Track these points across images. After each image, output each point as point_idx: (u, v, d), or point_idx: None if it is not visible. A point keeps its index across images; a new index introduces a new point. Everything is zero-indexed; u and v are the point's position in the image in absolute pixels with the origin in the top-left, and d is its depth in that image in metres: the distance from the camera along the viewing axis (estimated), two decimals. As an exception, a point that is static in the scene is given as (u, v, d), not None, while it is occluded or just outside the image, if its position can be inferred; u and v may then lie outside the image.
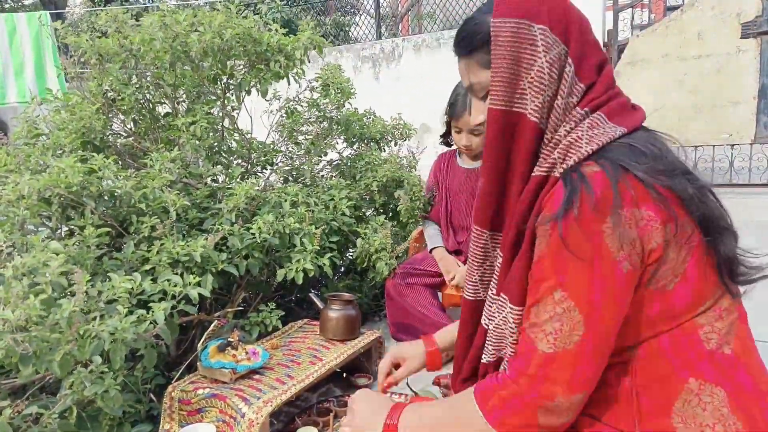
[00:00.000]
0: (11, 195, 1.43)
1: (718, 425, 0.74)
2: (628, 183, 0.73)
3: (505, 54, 0.81)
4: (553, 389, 0.74)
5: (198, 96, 2.10)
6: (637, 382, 0.78)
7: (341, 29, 8.45)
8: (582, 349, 0.73)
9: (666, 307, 0.76)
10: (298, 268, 1.72)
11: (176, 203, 1.63)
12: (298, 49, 1.99)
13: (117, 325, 1.10)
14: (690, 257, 0.75)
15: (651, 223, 0.72)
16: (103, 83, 2.01)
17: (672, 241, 0.73)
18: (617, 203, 0.71)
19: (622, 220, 0.71)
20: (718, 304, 0.80)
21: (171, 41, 1.85)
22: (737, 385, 0.77)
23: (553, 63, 0.80)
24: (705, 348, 0.77)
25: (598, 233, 0.71)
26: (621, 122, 0.80)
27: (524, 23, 0.81)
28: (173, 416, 1.52)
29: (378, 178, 2.42)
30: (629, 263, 0.72)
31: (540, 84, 0.80)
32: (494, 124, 0.84)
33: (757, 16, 5.38)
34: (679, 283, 0.75)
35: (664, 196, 0.74)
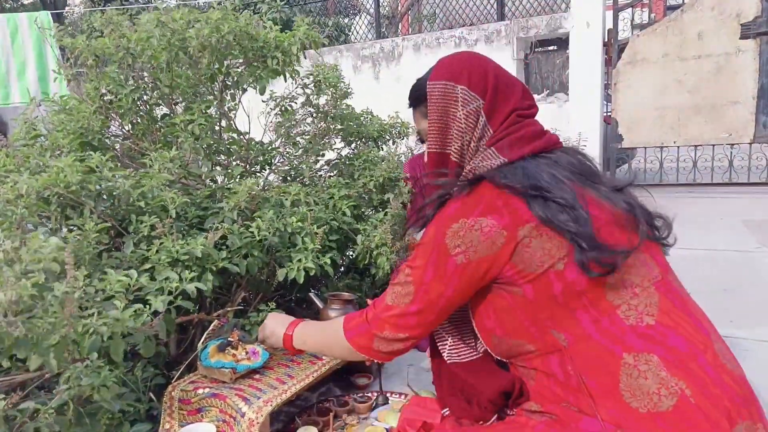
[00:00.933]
0: (9, 194, 1.43)
1: (662, 389, 0.84)
2: (480, 198, 0.97)
3: (437, 108, 1.07)
4: (383, 326, 1.05)
5: (195, 96, 2.09)
6: (577, 367, 0.91)
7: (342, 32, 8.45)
8: (407, 309, 1.02)
9: (566, 284, 0.92)
10: (299, 267, 1.72)
11: (176, 201, 1.63)
12: (294, 45, 1.99)
13: (116, 315, 1.10)
14: (570, 243, 0.92)
15: (493, 229, 0.94)
16: (100, 85, 2.01)
17: (532, 235, 0.93)
18: (465, 213, 0.96)
19: (465, 226, 0.96)
20: (627, 281, 0.93)
21: (168, 38, 1.85)
22: (668, 349, 0.87)
23: (470, 115, 1.05)
24: (625, 324, 0.90)
25: (442, 234, 0.98)
26: (506, 154, 1.01)
27: (450, 84, 1.06)
28: (173, 416, 1.52)
29: (375, 177, 2.42)
30: (464, 257, 0.96)
31: (459, 131, 1.06)
32: (431, 162, 1.11)
33: (756, 17, 5.38)
34: (567, 263, 0.92)
35: (515, 206, 0.95)
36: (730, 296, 2.76)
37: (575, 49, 5.86)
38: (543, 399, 0.97)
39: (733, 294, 2.79)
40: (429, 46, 6.51)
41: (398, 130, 2.86)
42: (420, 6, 8.86)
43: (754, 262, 3.38)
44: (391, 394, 1.80)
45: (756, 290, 2.84)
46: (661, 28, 5.79)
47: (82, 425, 1.18)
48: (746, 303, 2.67)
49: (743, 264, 3.33)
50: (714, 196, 5.64)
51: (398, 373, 2.01)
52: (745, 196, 5.54)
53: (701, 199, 5.59)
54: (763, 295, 2.76)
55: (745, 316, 2.50)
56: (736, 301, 2.69)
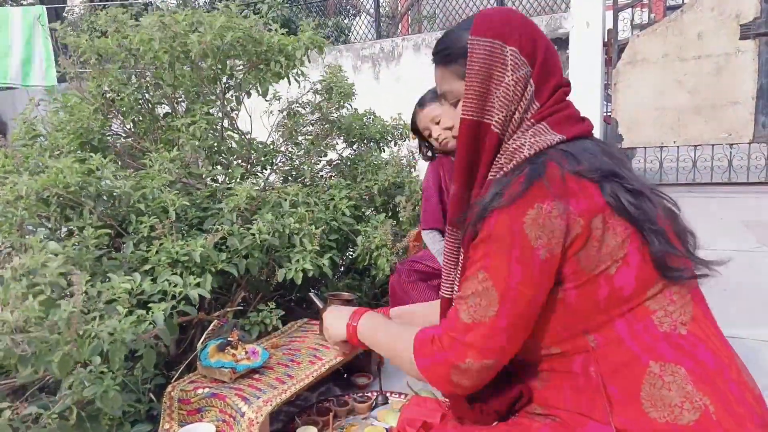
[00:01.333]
0: (9, 195, 1.43)
1: (686, 403, 0.80)
2: (553, 179, 0.82)
3: (479, 69, 0.91)
4: (466, 352, 0.85)
5: (197, 96, 2.09)
6: (602, 370, 0.85)
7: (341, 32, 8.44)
8: (495, 323, 0.84)
9: (612, 290, 0.83)
10: (297, 268, 1.72)
11: (175, 203, 1.63)
12: (298, 50, 1.99)
13: (116, 326, 1.10)
14: (629, 243, 0.83)
15: (571, 216, 0.81)
16: (102, 83, 2.01)
17: (603, 229, 0.82)
18: (540, 197, 0.81)
19: (543, 212, 0.80)
20: (668, 289, 0.86)
21: (170, 41, 1.84)
22: (697, 362, 0.82)
23: (518, 82, 0.91)
24: (659, 330, 0.83)
25: (519, 223, 0.81)
26: (561, 131, 0.90)
27: (498, 44, 0.91)
28: (173, 416, 1.52)
29: (379, 181, 2.42)
30: (547, 251, 0.81)
31: (505, 99, 0.91)
32: (465, 133, 0.94)
33: (755, 18, 5.38)
34: (621, 267, 0.83)
35: (590, 192, 0.83)
36: (730, 296, 2.76)
37: (575, 49, 5.86)
38: (548, 402, 0.94)
39: (733, 294, 2.79)
40: (429, 46, 6.50)
41: (400, 132, 2.86)
42: (420, 6, 8.86)
43: (754, 261, 3.38)
44: (391, 394, 1.81)
45: (756, 290, 2.84)
46: (661, 28, 5.79)
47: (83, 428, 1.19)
48: (746, 303, 2.67)
49: (743, 264, 3.33)
50: (713, 196, 5.64)
51: (398, 373, 2.01)
52: (745, 196, 5.54)
53: (701, 198, 5.59)
54: (763, 295, 2.76)
55: (745, 316, 2.50)
56: (736, 301, 2.69)
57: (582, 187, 0.83)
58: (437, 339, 0.90)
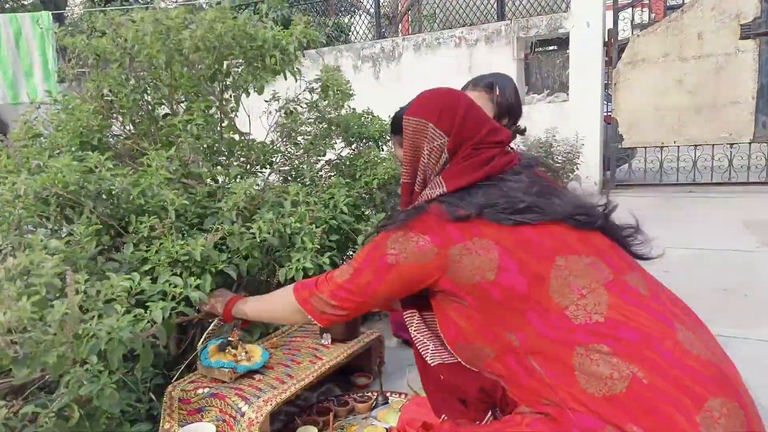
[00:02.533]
0: (8, 195, 1.43)
1: (615, 373, 0.90)
2: (420, 220, 1.12)
3: (409, 143, 1.20)
4: (323, 289, 1.23)
5: (196, 96, 2.09)
6: (535, 362, 0.99)
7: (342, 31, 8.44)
8: (342, 284, 1.20)
9: (503, 290, 1.03)
10: (298, 267, 1.72)
11: (175, 202, 1.62)
12: (291, 44, 1.99)
13: (114, 324, 1.10)
14: (498, 257, 1.04)
15: (426, 245, 1.09)
16: (102, 84, 2.00)
17: (462, 253, 1.06)
18: (408, 227, 1.12)
19: (404, 236, 1.12)
20: (573, 284, 1.01)
21: (163, 37, 1.84)
22: (618, 340, 0.93)
23: (433, 150, 1.17)
24: (574, 323, 0.97)
25: (386, 237, 1.15)
26: (447, 185, 1.14)
27: (422, 121, 1.18)
28: (173, 415, 1.51)
29: (379, 176, 2.42)
30: (395, 258, 1.12)
31: (423, 165, 1.19)
32: (402, 191, 1.25)
33: (756, 18, 5.38)
34: (499, 273, 1.03)
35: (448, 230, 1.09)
36: (730, 296, 2.76)
37: (575, 49, 5.86)
38: (528, 401, 1.03)
39: (734, 294, 2.79)
40: (429, 46, 6.50)
41: (399, 131, 2.85)
42: (420, 6, 8.86)
43: (754, 261, 3.37)
44: (391, 394, 1.80)
45: (756, 290, 2.84)
46: (661, 28, 5.79)
47: (82, 427, 1.18)
48: (746, 302, 2.67)
49: (743, 263, 3.33)
50: (714, 196, 5.64)
51: (398, 373, 2.01)
52: (745, 196, 5.54)
53: (701, 198, 5.59)
54: (763, 295, 2.76)
55: (745, 316, 2.50)
56: (736, 301, 2.69)
57: (442, 227, 1.09)
58: (316, 278, 1.29)
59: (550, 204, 1.09)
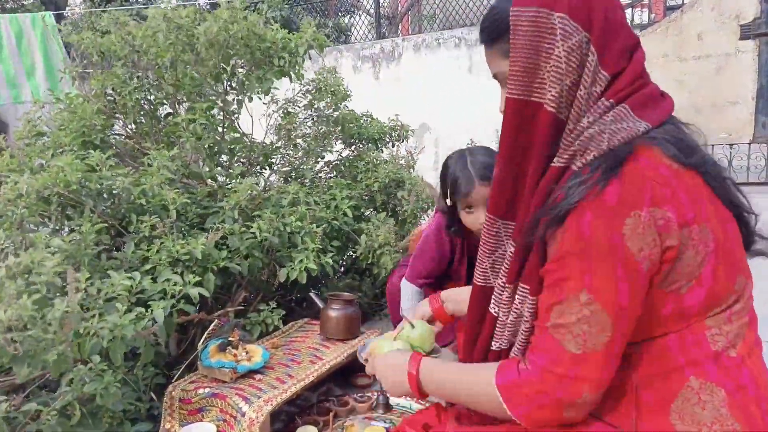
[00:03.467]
0: (10, 194, 1.43)
1: (716, 425, 0.75)
2: (647, 180, 0.73)
3: (524, 43, 0.80)
4: (582, 387, 0.76)
5: (199, 96, 2.10)
6: (639, 376, 0.79)
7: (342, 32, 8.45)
8: (610, 350, 0.75)
9: (677, 308, 0.77)
10: (301, 267, 1.72)
11: (176, 201, 1.63)
12: (301, 46, 1.99)
13: (116, 322, 1.10)
14: (706, 263, 0.76)
15: (669, 223, 0.72)
16: (105, 83, 2.01)
17: (689, 243, 0.74)
18: (636, 203, 0.72)
19: (641, 221, 0.71)
20: (731, 309, 0.80)
21: (175, 34, 1.85)
22: (738, 387, 0.77)
23: (572, 51, 0.77)
24: (711, 349, 0.77)
25: (618, 235, 0.72)
26: (645, 116, 0.78)
27: (543, 11, 0.79)
28: (174, 415, 1.52)
29: (380, 178, 2.42)
30: (649, 262, 0.73)
31: (557, 73, 0.78)
32: (511, 114, 0.83)
33: (755, 18, 5.39)
34: (693, 287, 0.76)
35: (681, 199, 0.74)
36: (730, 296, 2.76)
37: (575, 50, 5.86)
38: None
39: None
40: (429, 46, 6.51)
41: (398, 133, 2.86)
42: (420, 6, 8.86)
43: (754, 262, 3.37)
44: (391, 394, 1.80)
45: (756, 290, 2.84)
46: (661, 28, 5.80)
47: (84, 425, 1.19)
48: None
49: (743, 264, 3.33)
50: (713, 197, 5.64)
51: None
52: (745, 197, 5.55)
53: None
54: (763, 296, 2.76)
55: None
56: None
57: (674, 193, 0.74)
58: (535, 381, 0.79)
59: None
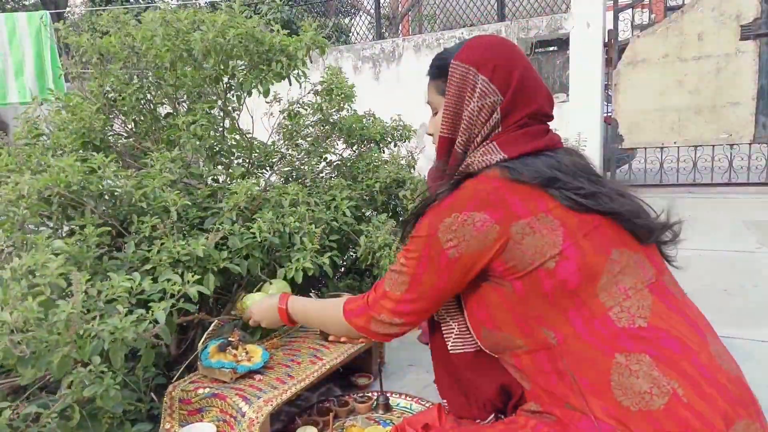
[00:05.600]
0: (11, 195, 1.43)
1: (654, 388, 0.85)
2: (476, 192, 0.96)
3: (454, 91, 1.03)
4: (381, 309, 1.08)
5: (199, 96, 2.10)
6: (569, 365, 0.92)
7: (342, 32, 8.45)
8: (403, 297, 1.05)
9: (556, 282, 0.92)
10: (297, 267, 1.72)
11: (177, 203, 1.63)
12: (300, 50, 1.99)
13: (116, 324, 1.10)
14: (563, 241, 0.92)
15: (485, 224, 0.93)
16: (104, 83, 2.01)
17: (524, 232, 0.92)
18: (458, 205, 0.96)
19: (457, 221, 0.95)
20: (621, 282, 0.92)
21: (173, 38, 1.84)
22: (661, 349, 0.87)
23: (483, 108, 1.01)
24: (617, 326, 0.90)
25: (435, 228, 0.98)
26: (506, 150, 1.00)
27: (472, 70, 1.02)
28: (174, 416, 1.52)
29: (381, 179, 2.42)
30: (457, 251, 0.96)
31: (469, 122, 1.02)
32: (439, 146, 1.09)
33: (756, 18, 5.38)
34: (560, 261, 0.91)
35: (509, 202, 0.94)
36: (731, 297, 2.76)
37: (575, 50, 5.86)
38: (542, 400, 0.97)
39: (734, 294, 2.79)
40: (429, 47, 6.50)
41: (400, 133, 2.86)
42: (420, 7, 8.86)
43: (755, 262, 3.38)
44: (392, 394, 1.81)
45: (756, 291, 2.84)
46: (661, 28, 5.79)
47: (83, 427, 1.19)
48: (747, 303, 2.67)
49: (743, 264, 3.33)
50: (714, 197, 5.64)
51: (398, 373, 2.01)
52: (745, 197, 5.55)
53: (701, 199, 5.59)
54: (763, 296, 2.76)
55: (745, 316, 2.50)
56: (736, 302, 2.69)
57: (502, 199, 0.94)
58: (366, 296, 1.13)
59: (608, 195, 0.97)
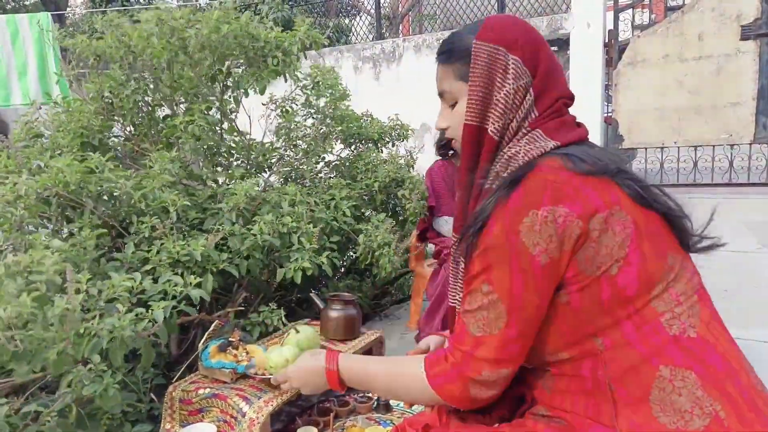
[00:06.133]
0: (9, 195, 1.43)
1: (696, 408, 0.80)
2: (546, 184, 0.83)
3: (481, 72, 0.93)
4: (481, 365, 0.87)
5: (196, 97, 2.10)
6: (610, 373, 0.84)
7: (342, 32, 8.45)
8: (505, 334, 0.85)
9: (615, 290, 0.83)
10: (296, 267, 1.72)
11: (176, 203, 1.63)
12: (294, 45, 1.99)
13: (115, 323, 1.10)
14: (629, 243, 0.83)
15: (568, 218, 0.81)
16: (102, 85, 2.01)
17: (601, 229, 0.82)
18: (533, 203, 0.82)
19: (538, 219, 0.81)
20: (673, 288, 0.85)
21: (168, 36, 1.85)
22: (707, 366, 0.82)
23: (518, 90, 0.92)
24: (668, 334, 0.83)
25: (515, 233, 0.82)
26: (556, 137, 0.90)
27: (501, 50, 0.92)
28: (174, 416, 1.52)
29: (380, 178, 2.42)
30: (547, 255, 0.82)
31: (504, 107, 0.92)
32: (468, 138, 0.96)
33: (756, 19, 5.38)
34: (623, 267, 0.83)
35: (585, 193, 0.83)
36: (731, 297, 2.76)
37: (576, 50, 5.86)
38: (553, 404, 0.93)
39: (734, 295, 2.79)
40: (430, 47, 6.50)
41: (398, 132, 2.86)
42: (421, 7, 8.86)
43: (755, 262, 3.37)
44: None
45: (757, 291, 2.84)
46: (661, 29, 5.79)
47: (83, 427, 1.19)
48: (747, 303, 2.67)
49: (744, 264, 3.33)
50: (714, 197, 5.64)
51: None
52: (746, 197, 5.54)
53: (701, 199, 5.59)
54: (763, 296, 2.76)
55: (745, 316, 2.50)
56: (736, 302, 2.69)
57: (577, 190, 0.83)
58: (449, 356, 0.91)
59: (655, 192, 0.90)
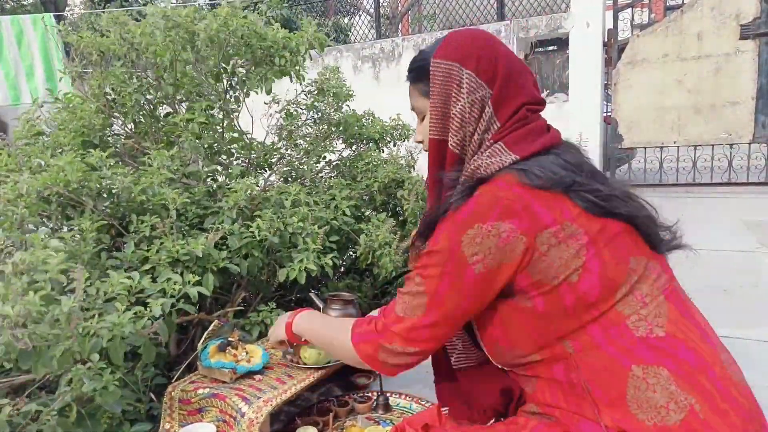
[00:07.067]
0: (10, 194, 1.43)
1: (671, 403, 0.82)
2: (497, 200, 0.87)
3: (439, 90, 0.98)
4: (393, 338, 0.97)
5: (199, 96, 2.09)
6: (583, 375, 0.88)
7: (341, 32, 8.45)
8: (420, 321, 0.94)
9: (578, 296, 0.87)
10: (300, 267, 1.72)
11: (176, 201, 1.63)
12: (302, 45, 1.99)
13: (115, 321, 1.10)
14: (585, 252, 0.86)
15: (512, 235, 0.86)
16: (104, 83, 2.00)
17: (550, 243, 0.86)
18: (482, 217, 0.87)
19: (481, 232, 0.87)
20: (638, 290, 0.88)
21: (173, 32, 1.85)
22: (679, 362, 0.84)
23: (474, 103, 0.95)
24: (635, 335, 0.86)
25: (457, 242, 0.88)
26: (515, 150, 0.93)
27: (455, 66, 0.97)
28: (173, 416, 1.52)
29: (379, 179, 2.42)
30: (483, 266, 0.88)
31: (461, 120, 0.96)
32: (431, 150, 1.02)
33: (755, 18, 5.38)
34: (583, 274, 0.86)
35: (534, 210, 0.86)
36: (731, 296, 2.76)
37: (575, 50, 5.87)
38: (542, 402, 0.96)
39: (734, 294, 2.79)
40: (429, 46, 6.51)
41: (399, 132, 2.86)
42: (420, 6, 8.86)
43: (754, 262, 3.38)
44: (391, 394, 1.81)
45: (756, 290, 2.84)
46: (661, 28, 5.79)
47: (83, 426, 1.18)
48: (746, 303, 2.67)
49: (743, 264, 3.33)
50: (714, 196, 5.64)
51: (398, 373, 2.01)
52: (745, 196, 5.55)
53: (701, 199, 5.59)
54: (763, 296, 2.76)
55: (745, 316, 2.50)
56: (736, 302, 2.69)
57: (526, 207, 0.86)
58: (374, 321, 1.02)
59: (621, 198, 0.93)
